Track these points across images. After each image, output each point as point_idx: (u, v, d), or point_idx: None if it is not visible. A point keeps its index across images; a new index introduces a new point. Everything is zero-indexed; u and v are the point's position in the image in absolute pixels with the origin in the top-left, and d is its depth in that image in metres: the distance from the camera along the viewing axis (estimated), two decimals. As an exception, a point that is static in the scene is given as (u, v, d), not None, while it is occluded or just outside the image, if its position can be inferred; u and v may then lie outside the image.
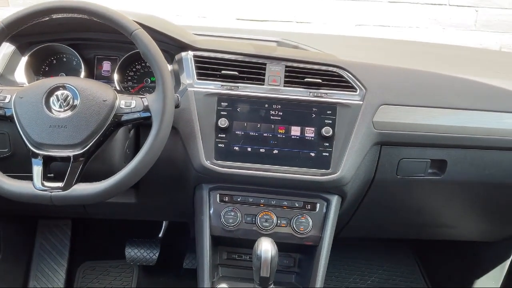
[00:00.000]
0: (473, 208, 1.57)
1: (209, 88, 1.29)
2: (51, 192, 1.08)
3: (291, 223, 1.32)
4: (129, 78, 1.43)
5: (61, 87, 1.13)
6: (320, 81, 1.30)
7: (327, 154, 1.27)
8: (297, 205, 1.33)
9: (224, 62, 1.32)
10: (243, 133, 1.28)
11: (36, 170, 1.10)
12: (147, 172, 1.13)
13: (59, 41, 1.39)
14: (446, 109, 1.34)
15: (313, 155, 1.28)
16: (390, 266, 2.07)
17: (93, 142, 1.10)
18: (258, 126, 1.28)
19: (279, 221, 1.32)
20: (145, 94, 1.17)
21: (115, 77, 1.38)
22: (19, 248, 1.93)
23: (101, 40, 1.40)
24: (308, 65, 1.33)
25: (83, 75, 1.38)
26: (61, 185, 1.08)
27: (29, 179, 1.10)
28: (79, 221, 2.04)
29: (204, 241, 1.32)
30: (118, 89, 1.34)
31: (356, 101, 1.29)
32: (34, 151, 1.10)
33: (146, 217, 1.68)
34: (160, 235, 1.94)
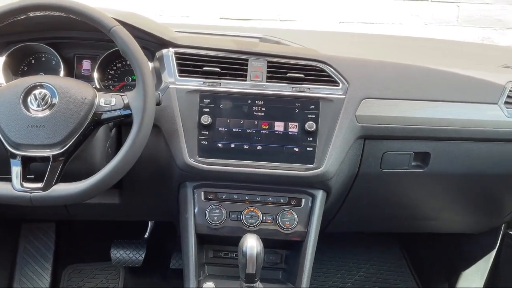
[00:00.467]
0: (458, 200, 1.58)
1: (191, 85, 1.27)
2: (31, 193, 1.06)
3: (277, 219, 1.31)
4: (110, 76, 1.41)
5: (38, 86, 1.11)
6: (302, 76, 1.29)
7: (311, 149, 1.27)
8: (282, 201, 1.32)
9: (205, 58, 1.31)
10: (226, 129, 1.27)
11: (15, 171, 1.07)
12: (129, 171, 1.11)
13: (38, 41, 1.36)
14: (428, 101, 1.35)
15: (297, 150, 1.27)
16: (377, 260, 2.07)
17: (72, 141, 1.08)
18: (241, 122, 1.27)
19: (264, 218, 1.31)
20: (125, 91, 1.15)
21: (95, 76, 1.36)
22: (1, 252, 1.90)
23: (81, 38, 1.38)
24: (290, 60, 1.32)
25: (63, 74, 1.36)
26: (40, 185, 1.06)
27: (8, 181, 1.08)
28: (63, 223, 2.01)
29: (189, 240, 1.31)
30: (98, 87, 1.32)
31: (338, 95, 1.29)
32: (12, 151, 1.08)
33: (130, 217, 1.66)
34: (146, 235, 1.92)
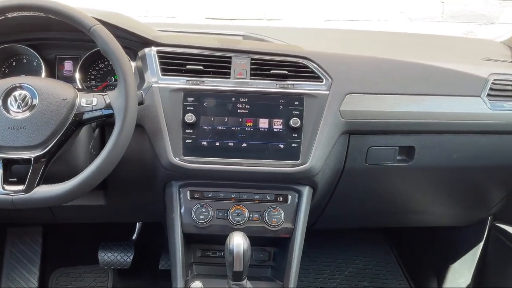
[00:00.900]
0: (443, 193, 1.59)
1: (174, 83, 1.27)
2: (13, 195, 1.04)
3: (263, 216, 1.31)
4: (92, 77, 1.40)
5: (18, 87, 1.09)
6: (286, 72, 1.29)
7: (296, 145, 1.27)
8: (268, 198, 1.32)
9: (188, 57, 1.30)
10: (210, 127, 1.27)
11: None
12: (114, 172, 1.11)
13: (18, 42, 1.35)
14: (412, 95, 1.35)
15: (282, 146, 1.27)
16: (366, 255, 2.08)
17: (54, 142, 1.07)
18: (225, 120, 1.27)
19: (251, 215, 1.31)
20: (107, 91, 1.14)
21: (77, 76, 1.34)
22: (-13, 258, 1.88)
23: (62, 39, 1.37)
24: (273, 57, 1.32)
25: (44, 75, 1.34)
26: (22, 188, 1.05)
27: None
28: (50, 227, 1.99)
29: (176, 240, 1.31)
30: (80, 88, 1.31)
31: (322, 91, 1.29)
32: None
33: (117, 219, 1.64)
34: (134, 237, 1.90)
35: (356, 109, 1.30)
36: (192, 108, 1.26)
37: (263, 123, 1.27)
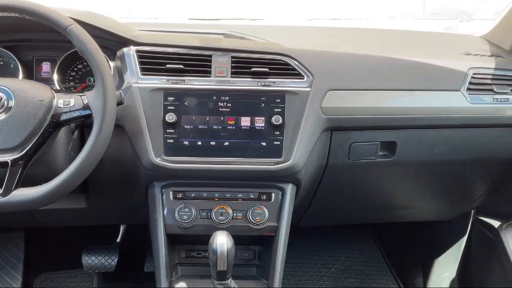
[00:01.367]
0: (426, 187, 1.60)
1: (154, 83, 1.25)
2: None
3: (247, 215, 1.30)
4: (71, 78, 1.38)
5: None
6: (267, 70, 1.29)
7: (278, 142, 1.26)
8: (252, 197, 1.31)
9: (168, 56, 1.29)
10: (192, 127, 1.26)
11: None
12: (95, 174, 1.09)
13: None
14: (392, 91, 1.36)
15: (264, 144, 1.27)
16: (352, 252, 2.09)
17: (31, 144, 1.05)
18: (207, 119, 1.26)
19: (235, 214, 1.30)
20: (84, 92, 1.13)
21: (55, 78, 1.32)
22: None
23: (39, 40, 1.35)
24: (254, 55, 1.31)
25: (22, 77, 1.32)
26: (0, 191, 1.03)
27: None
28: (33, 231, 1.96)
29: (159, 241, 1.29)
30: (58, 89, 1.29)
31: (304, 88, 1.29)
32: None
33: (100, 222, 1.62)
34: (118, 240, 1.88)
35: (337, 105, 1.30)
36: (172, 107, 1.25)
37: (245, 121, 1.27)
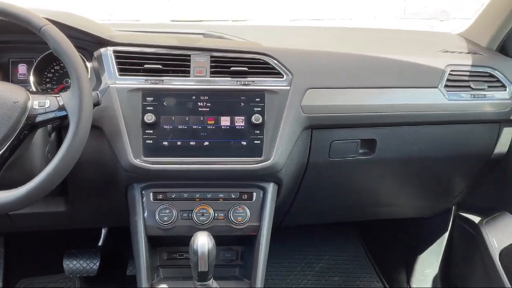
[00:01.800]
0: (407, 184, 1.62)
1: (132, 83, 1.24)
2: None
3: (229, 215, 1.30)
4: (48, 79, 1.36)
5: None
6: (246, 69, 1.29)
7: (258, 141, 1.26)
8: (233, 196, 1.31)
9: (146, 56, 1.28)
10: (171, 127, 1.25)
11: None
12: (73, 176, 1.08)
13: None
14: (371, 88, 1.37)
15: (244, 143, 1.26)
16: (336, 250, 2.09)
17: (6, 147, 1.03)
18: (186, 119, 1.25)
19: (216, 214, 1.29)
20: (60, 93, 1.11)
21: (32, 79, 1.30)
22: None
23: (15, 42, 1.32)
24: (233, 54, 1.31)
25: None
26: None
27: None
28: (13, 236, 1.92)
29: (139, 243, 1.28)
30: (34, 91, 1.27)
31: (283, 87, 1.29)
32: None
33: (80, 225, 1.60)
34: (100, 243, 1.86)
35: (317, 103, 1.31)
36: (151, 107, 1.24)
37: (225, 121, 1.26)
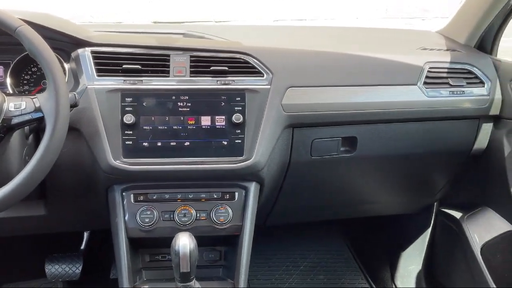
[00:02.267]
0: (389, 182, 1.63)
1: (110, 84, 1.23)
2: None
3: (211, 215, 1.29)
4: (25, 81, 1.33)
5: None
6: (226, 68, 1.28)
7: (239, 141, 1.26)
8: (215, 196, 1.30)
9: (125, 56, 1.27)
10: (151, 127, 1.24)
11: None
12: (52, 179, 1.07)
13: None
14: (351, 86, 1.37)
15: (225, 143, 1.26)
16: (320, 248, 2.10)
17: (-19, 150, 1.01)
18: (166, 119, 1.24)
19: (198, 215, 1.29)
20: (37, 94, 1.09)
21: (8, 81, 1.28)
22: None
23: None
24: (213, 54, 1.31)
25: None
26: None
27: None
28: (-9, 242, 1.89)
29: (120, 245, 1.27)
30: (11, 93, 1.25)
31: (263, 86, 1.29)
32: None
33: (61, 229, 1.58)
34: (82, 247, 1.83)
35: (297, 102, 1.31)
36: (131, 108, 1.22)
37: (205, 121, 1.26)
